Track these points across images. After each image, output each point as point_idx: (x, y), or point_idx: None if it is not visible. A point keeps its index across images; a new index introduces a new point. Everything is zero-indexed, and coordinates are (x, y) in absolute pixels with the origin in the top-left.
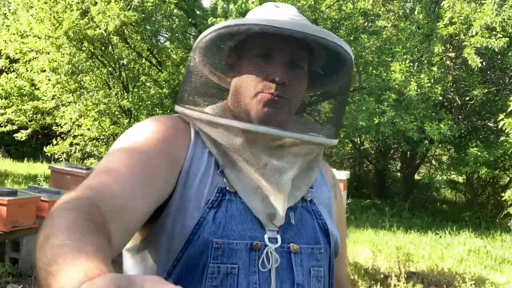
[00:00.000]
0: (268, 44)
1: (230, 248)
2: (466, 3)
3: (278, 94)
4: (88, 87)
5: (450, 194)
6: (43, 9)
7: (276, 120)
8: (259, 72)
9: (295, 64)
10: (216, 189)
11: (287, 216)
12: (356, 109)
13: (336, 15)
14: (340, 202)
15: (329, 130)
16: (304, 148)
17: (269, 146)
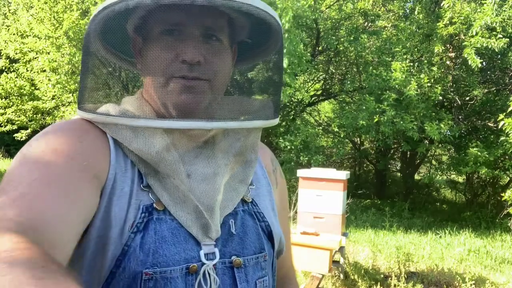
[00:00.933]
0: (170, 17)
1: (163, 277)
2: (466, 3)
3: (194, 76)
4: None
5: (450, 194)
6: (43, 9)
7: (198, 108)
8: (166, 52)
9: (209, 37)
10: (141, 209)
11: (225, 225)
12: (356, 108)
13: (336, 15)
14: (282, 188)
15: (265, 109)
16: (237, 139)
17: (193, 146)
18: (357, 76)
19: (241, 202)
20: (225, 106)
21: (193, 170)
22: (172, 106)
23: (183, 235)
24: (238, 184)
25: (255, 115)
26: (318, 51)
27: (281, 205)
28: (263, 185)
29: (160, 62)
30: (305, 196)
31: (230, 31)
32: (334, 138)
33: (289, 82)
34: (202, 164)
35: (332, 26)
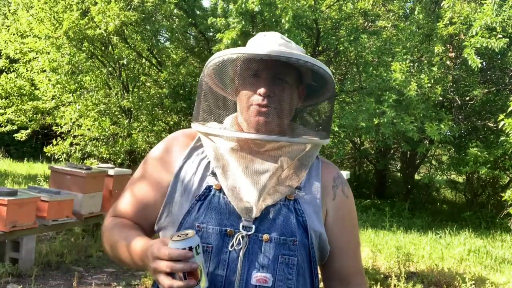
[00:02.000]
0: (252, 66)
1: (207, 232)
2: (466, 3)
3: (265, 104)
4: (88, 87)
5: (450, 194)
6: (43, 9)
7: (266, 126)
8: (249, 88)
9: (279, 79)
10: (204, 187)
11: (267, 210)
12: (356, 109)
13: (336, 15)
14: (342, 203)
15: (315, 132)
16: (290, 152)
17: (255, 151)
18: (357, 76)
19: (284, 199)
20: (284, 127)
21: (251, 164)
22: (250, 123)
23: (230, 209)
24: (284, 185)
25: (307, 135)
26: (318, 51)
27: (338, 213)
28: (313, 193)
29: (246, 94)
30: None
31: (297, 77)
32: (334, 138)
33: None
34: (258, 162)
35: (332, 26)
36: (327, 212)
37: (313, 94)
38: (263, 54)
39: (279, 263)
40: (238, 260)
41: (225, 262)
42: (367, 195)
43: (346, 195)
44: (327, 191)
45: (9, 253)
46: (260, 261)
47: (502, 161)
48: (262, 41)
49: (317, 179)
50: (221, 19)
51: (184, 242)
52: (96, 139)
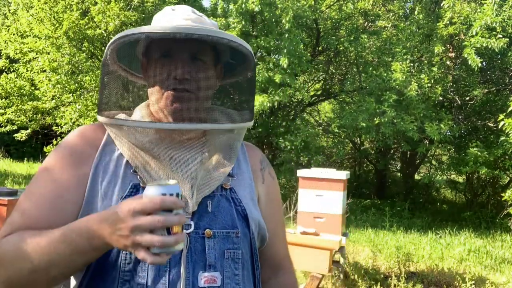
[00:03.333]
0: (163, 46)
1: None
2: (466, 3)
3: (182, 88)
4: (88, 87)
5: (450, 194)
6: (43, 9)
7: (185, 113)
8: (162, 72)
9: (195, 59)
10: (129, 186)
11: (203, 204)
12: (357, 109)
13: (336, 15)
14: (271, 186)
15: (239, 114)
16: (215, 137)
17: (177, 140)
18: (357, 76)
19: (221, 188)
20: (205, 112)
21: (175, 155)
22: (166, 111)
23: None
24: (216, 174)
25: (230, 120)
26: (318, 51)
27: (268, 197)
28: (245, 178)
29: (158, 78)
30: (305, 196)
31: (213, 54)
32: (334, 138)
33: (289, 82)
34: (183, 151)
35: (332, 26)
36: (259, 197)
37: (232, 72)
38: (174, 32)
39: (225, 259)
40: (181, 263)
41: (166, 268)
42: (367, 195)
43: (273, 176)
44: (256, 174)
45: None
46: (206, 259)
47: (502, 161)
48: (170, 17)
49: (245, 163)
50: (221, 19)
51: (172, 188)
52: None
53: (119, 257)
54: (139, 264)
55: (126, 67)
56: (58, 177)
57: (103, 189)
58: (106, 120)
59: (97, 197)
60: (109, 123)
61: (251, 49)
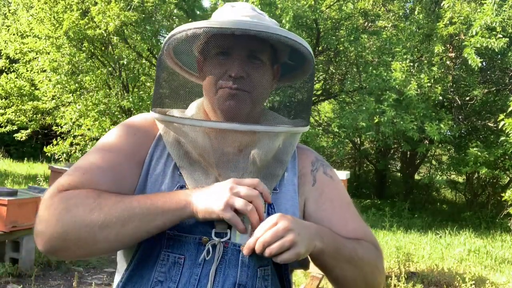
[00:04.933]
0: (221, 43)
1: (180, 240)
2: (466, 3)
3: (237, 87)
4: (88, 87)
5: (450, 194)
6: (43, 9)
7: (239, 113)
8: (218, 69)
9: (252, 58)
10: (176, 187)
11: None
12: (356, 109)
13: (336, 15)
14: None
15: (294, 119)
16: (266, 143)
17: (225, 144)
18: (357, 76)
19: None
20: (260, 114)
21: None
22: (219, 110)
23: None
24: None
25: (286, 123)
26: (318, 51)
27: (321, 198)
28: (289, 190)
29: (214, 76)
30: None
31: (272, 54)
32: (334, 138)
33: None
34: (229, 160)
35: (332, 26)
36: (305, 203)
37: (290, 73)
38: (233, 28)
39: (258, 278)
40: (210, 274)
41: (196, 277)
42: (367, 195)
43: (330, 175)
44: (304, 179)
45: (9, 253)
46: (237, 276)
47: (502, 161)
48: (231, 13)
49: (293, 172)
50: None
51: None
52: (96, 139)
53: (159, 256)
54: (174, 267)
55: (182, 64)
56: (122, 148)
57: (153, 179)
58: (158, 116)
59: (148, 185)
60: (160, 119)
61: (311, 49)
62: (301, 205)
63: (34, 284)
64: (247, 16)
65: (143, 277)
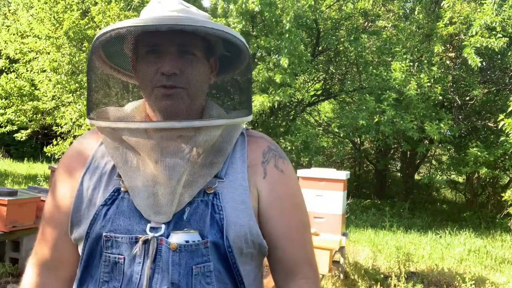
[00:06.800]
0: (148, 41)
1: (116, 241)
2: (466, 3)
3: (171, 85)
4: None
5: (450, 194)
6: (43, 9)
7: (176, 111)
8: (150, 68)
9: (184, 53)
10: (111, 190)
11: (182, 211)
12: (356, 108)
13: (336, 15)
14: (278, 181)
15: (235, 111)
16: (207, 136)
17: (166, 139)
18: (357, 76)
19: (203, 193)
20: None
21: (161, 158)
22: (157, 109)
23: (140, 212)
24: (200, 177)
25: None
26: (318, 51)
27: (273, 194)
28: (237, 178)
29: (147, 75)
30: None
31: (205, 48)
32: (334, 138)
33: (289, 82)
34: (170, 154)
35: (332, 26)
36: (259, 194)
37: (227, 66)
38: (158, 24)
39: (194, 276)
40: (144, 274)
41: (137, 275)
42: (367, 195)
43: (281, 169)
44: (255, 169)
45: (9, 253)
46: (170, 276)
47: (502, 161)
48: (158, 9)
49: (241, 160)
50: (221, 19)
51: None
52: None
53: (101, 257)
54: (116, 267)
55: (116, 65)
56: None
57: (88, 196)
58: (93, 122)
59: (83, 204)
60: (95, 125)
61: (243, 39)
62: (255, 195)
63: None
64: (174, 11)
65: (92, 277)
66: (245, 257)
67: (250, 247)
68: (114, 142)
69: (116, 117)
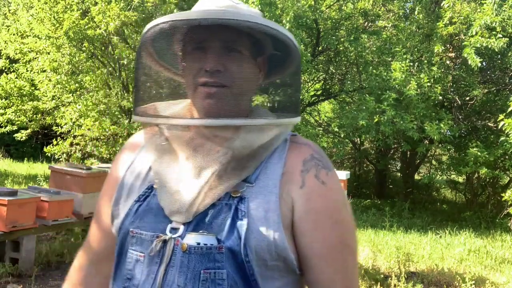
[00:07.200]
0: (192, 36)
1: (140, 238)
2: (466, 3)
3: (214, 82)
4: (88, 87)
5: (450, 194)
6: (43, 9)
7: (217, 110)
8: (194, 64)
9: (229, 49)
10: (147, 186)
11: (205, 213)
12: (356, 108)
13: (336, 15)
14: (315, 193)
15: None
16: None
17: (202, 137)
18: (357, 76)
19: (229, 196)
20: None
21: (192, 156)
22: (199, 108)
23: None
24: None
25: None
26: (318, 51)
27: (309, 206)
28: (268, 185)
29: (190, 73)
30: None
31: (253, 46)
32: (334, 138)
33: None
34: (201, 153)
35: (332, 26)
36: (293, 205)
37: (276, 65)
38: (200, 18)
39: (201, 282)
40: (159, 275)
41: (153, 275)
42: (367, 195)
43: (322, 181)
44: (291, 177)
45: (9, 253)
46: (176, 279)
47: (502, 161)
48: (204, 4)
49: (278, 167)
50: None
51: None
52: (96, 139)
53: (127, 254)
54: (137, 265)
55: (163, 62)
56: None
57: (127, 190)
58: (135, 118)
59: (122, 198)
60: (135, 120)
61: (291, 36)
62: (289, 204)
63: (34, 284)
64: (223, 7)
65: (121, 273)
66: (271, 270)
67: (275, 260)
68: (153, 137)
69: (157, 113)
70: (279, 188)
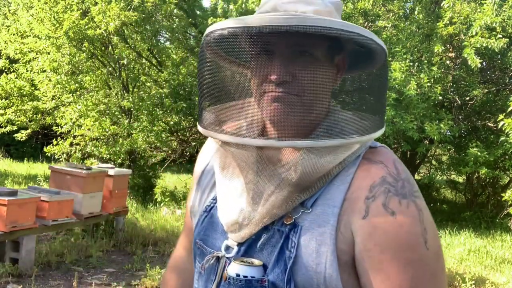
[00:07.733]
0: (253, 42)
1: (203, 251)
2: (466, 3)
3: (283, 91)
4: (88, 87)
5: (450, 194)
6: (43, 9)
7: (288, 123)
8: (260, 72)
9: (301, 54)
10: (212, 197)
11: (258, 236)
12: None
13: None
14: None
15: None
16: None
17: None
18: None
19: (282, 222)
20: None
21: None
22: (269, 123)
23: None
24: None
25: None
26: None
27: (371, 241)
28: (325, 213)
29: (254, 83)
30: None
31: (330, 45)
32: None
33: None
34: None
35: None
36: (354, 239)
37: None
38: (260, 25)
39: None
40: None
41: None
42: None
43: (392, 211)
44: (353, 205)
45: (9, 253)
46: None
47: (502, 161)
48: (270, 3)
49: (340, 191)
50: (221, 19)
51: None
52: (96, 139)
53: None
54: (199, 276)
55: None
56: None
57: (199, 200)
58: (201, 130)
59: (195, 207)
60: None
61: (378, 39)
62: (348, 238)
63: (34, 284)
64: (290, 3)
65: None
66: None
67: None
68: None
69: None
70: (338, 218)
